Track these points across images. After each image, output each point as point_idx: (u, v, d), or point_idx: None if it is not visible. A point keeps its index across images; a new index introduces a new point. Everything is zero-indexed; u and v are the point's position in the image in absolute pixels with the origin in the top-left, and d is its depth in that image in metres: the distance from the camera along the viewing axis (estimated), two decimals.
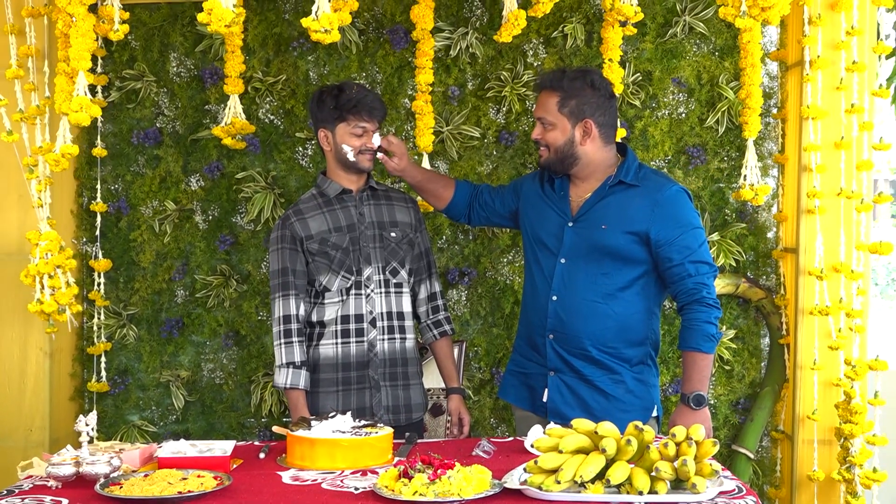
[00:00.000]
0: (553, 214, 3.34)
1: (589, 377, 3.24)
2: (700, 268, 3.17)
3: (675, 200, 3.21)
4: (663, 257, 3.18)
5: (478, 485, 2.40)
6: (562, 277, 3.27)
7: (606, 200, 3.25)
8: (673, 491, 2.36)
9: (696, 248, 3.18)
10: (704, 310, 3.15)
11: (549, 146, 3.27)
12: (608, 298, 3.22)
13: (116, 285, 4.57)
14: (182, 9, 4.48)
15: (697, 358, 3.16)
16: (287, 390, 3.38)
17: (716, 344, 3.18)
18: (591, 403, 3.22)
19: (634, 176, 3.25)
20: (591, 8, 4.37)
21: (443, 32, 4.37)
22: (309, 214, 3.48)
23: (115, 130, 4.54)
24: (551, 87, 3.26)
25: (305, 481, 2.62)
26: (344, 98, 3.38)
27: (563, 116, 3.23)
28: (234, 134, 4.15)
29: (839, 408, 3.80)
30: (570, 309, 3.25)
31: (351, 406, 3.35)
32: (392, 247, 3.48)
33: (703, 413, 3.14)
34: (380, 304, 3.45)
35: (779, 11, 2.88)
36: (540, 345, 3.33)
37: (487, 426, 4.48)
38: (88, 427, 2.67)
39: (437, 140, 4.34)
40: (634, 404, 3.25)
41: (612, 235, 3.20)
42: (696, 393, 3.13)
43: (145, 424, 4.56)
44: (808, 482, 4.02)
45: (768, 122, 4.37)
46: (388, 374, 3.45)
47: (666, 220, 3.17)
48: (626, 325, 3.24)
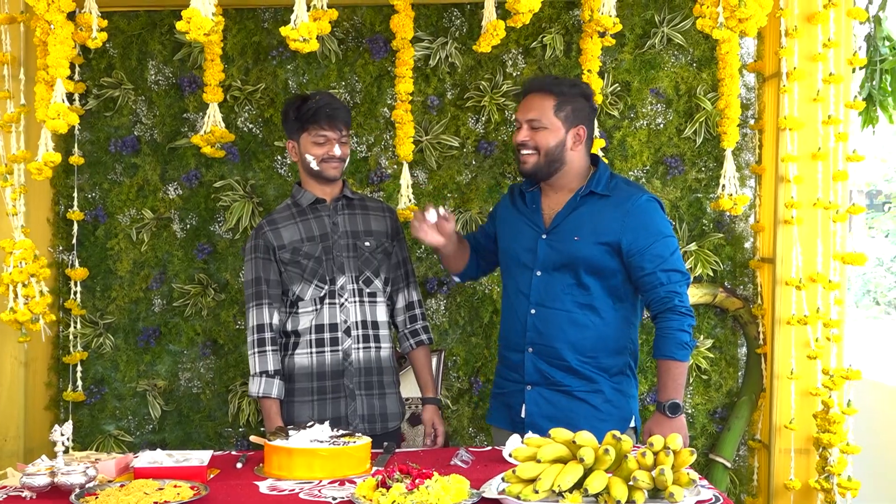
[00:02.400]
0: (526, 228, 3.34)
1: (567, 387, 3.24)
2: (672, 276, 3.16)
3: (645, 209, 3.21)
4: (635, 266, 3.18)
5: (456, 494, 2.40)
6: (538, 290, 3.26)
7: (578, 211, 3.25)
8: (650, 500, 2.36)
9: (668, 256, 3.17)
10: (677, 318, 3.14)
11: (539, 148, 3.22)
12: (585, 309, 3.22)
13: (93, 294, 4.54)
14: (161, 17, 4.47)
15: (672, 366, 3.15)
16: (261, 399, 3.39)
17: (689, 352, 3.18)
18: (569, 414, 3.20)
19: (605, 186, 3.25)
20: (569, 19, 4.39)
21: (422, 42, 4.38)
22: (282, 224, 3.47)
23: (92, 138, 4.52)
24: (547, 91, 3.24)
25: (283, 491, 2.61)
26: (304, 108, 3.38)
27: (557, 120, 3.21)
28: (214, 143, 4.14)
29: (817, 417, 3.82)
30: (549, 320, 3.24)
31: (326, 415, 3.36)
32: (366, 256, 3.47)
33: (679, 421, 3.14)
34: (354, 314, 3.44)
35: (756, 23, 2.89)
36: (518, 361, 3.32)
37: (466, 436, 4.47)
38: (64, 437, 2.65)
39: (417, 149, 4.34)
40: (612, 414, 3.25)
41: (585, 246, 3.20)
42: (672, 401, 3.13)
43: (122, 434, 4.53)
44: (784, 491, 4.04)
45: (745, 133, 4.41)
46: (364, 383, 3.45)
47: (637, 230, 3.17)
48: (604, 334, 3.24)
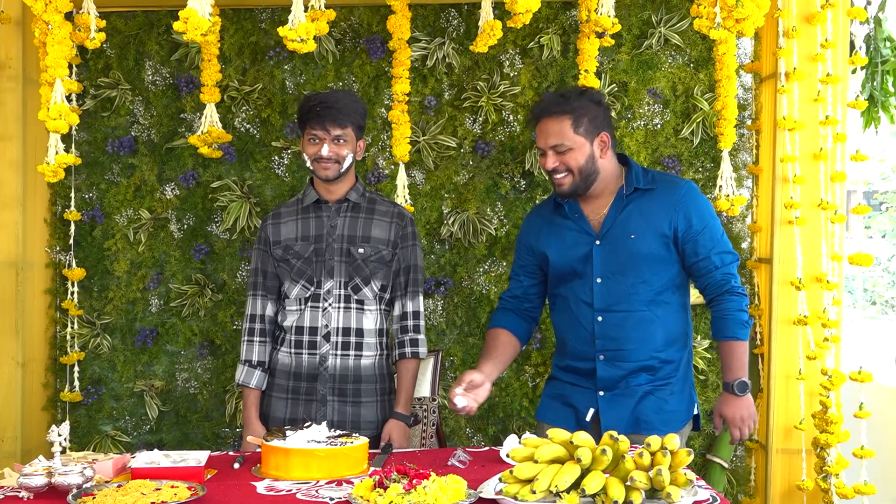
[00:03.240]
0: (576, 237, 3.30)
1: (640, 385, 3.24)
2: (725, 258, 3.21)
3: (692, 195, 3.24)
4: (689, 252, 3.20)
5: (453, 495, 2.40)
6: (602, 296, 3.23)
7: (628, 210, 3.24)
8: (648, 500, 2.36)
9: (719, 238, 3.22)
10: (735, 299, 3.19)
11: (572, 169, 3.20)
12: (651, 305, 3.22)
13: (90, 294, 4.54)
14: (158, 17, 4.47)
15: (735, 346, 3.20)
16: (240, 386, 3.46)
17: (749, 330, 3.23)
18: (642, 411, 3.22)
19: (646, 180, 3.26)
20: (567, 19, 4.40)
21: (419, 42, 4.38)
22: (284, 220, 3.48)
23: (89, 139, 4.51)
24: (560, 112, 3.19)
25: (280, 492, 2.60)
26: (304, 105, 3.37)
27: (579, 136, 3.18)
28: (211, 143, 4.14)
29: (816, 417, 3.82)
30: (618, 324, 3.23)
31: (298, 415, 3.38)
32: (357, 263, 3.42)
33: (747, 399, 3.20)
34: (336, 319, 3.42)
35: (753, 23, 2.90)
36: (588, 368, 3.28)
37: (463, 436, 4.47)
38: (61, 437, 2.65)
39: (414, 150, 4.34)
40: (682, 403, 3.29)
41: (644, 242, 3.20)
42: (740, 380, 3.18)
43: (119, 434, 4.53)
44: (781, 491, 4.04)
45: (742, 134, 4.41)
46: (337, 390, 3.41)
47: (689, 216, 3.19)
48: (671, 326, 3.26)
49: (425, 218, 4.46)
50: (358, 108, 3.40)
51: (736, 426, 3.21)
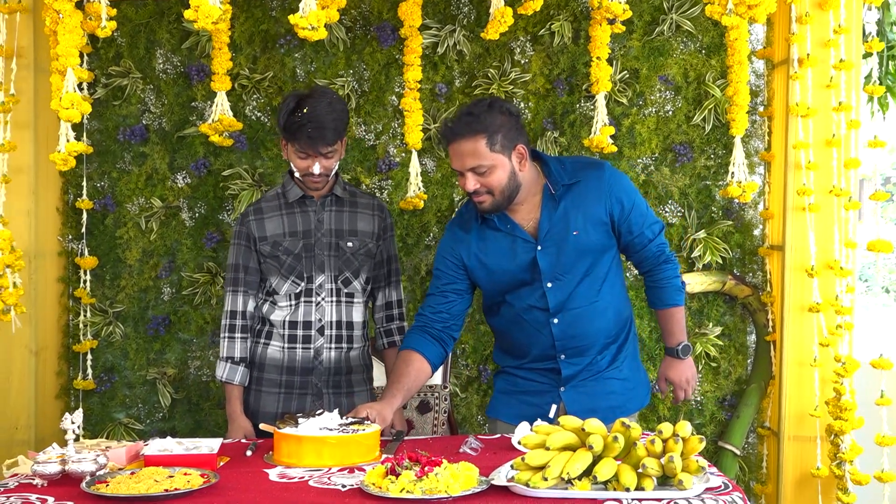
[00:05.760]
0: (515, 247, 3.22)
1: (599, 370, 3.26)
2: (654, 228, 3.25)
3: (615, 176, 3.24)
4: (625, 231, 3.22)
5: (465, 482, 2.41)
6: (556, 300, 3.21)
7: (561, 208, 3.19)
8: (659, 487, 2.37)
9: (645, 210, 3.26)
10: (669, 267, 3.28)
11: (493, 190, 3.11)
12: (599, 293, 3.23)
13: (102, 283, 4.55)
14: (168, 5, 4.46)
15: (675, 312, 3.32)
16: (224, 384, 3.50)
17: (684, 294, 3.34)
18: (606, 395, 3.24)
19: (568, 175, 3.22)
20: (578, 6, 4.38)
21: (430, 30, 4.37)
22: (268, 215, 3.47)
23: (101, 127, 4.52)
24: (473, 132, 3.07)
25: (293, 479, 2.61)
26: (291, 118, 3.28)
27: (497, 153, 3.08)
28: (222, 131, 4.14)
29: (829, 404, 3.82)
30: (574, 322, 3.22)
31: (291, 409, 3.43)
32: (347, 257, 3.45)
33: (689, 361, 3.36)
34: (329, 313, 3.45)
35: (765, 9, 2.89)
36: (548, 368, 3.28)
37: (475, 423, 4.48)
38: (74, 425, 2.66)
39: (425, 137, 4.33)
40: (640, 379, 3.36)
41: (587, 236, 3.18)
42: (683, 343, 3.33)
43: (132, 422, 4.54)
44: (794, 478, 4.03)
45: (755, 120, 4.39)
46: (332, 382, 3.48)
47: (619, 197, 3.19)
48: (618, 305, 3.29)
49: (436, 206, 4.45)
50: (344, 117, 3.35)
51: (681, 388, 3.37)
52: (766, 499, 4.32)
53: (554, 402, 3.26)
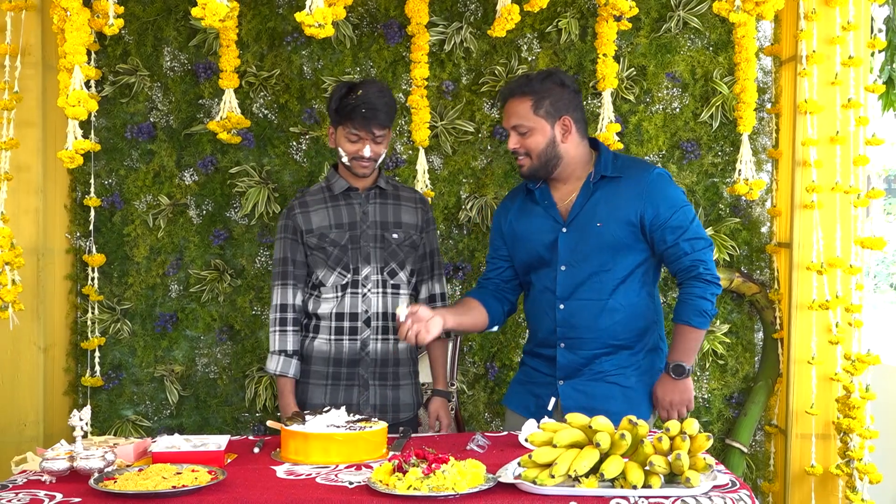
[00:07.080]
0: (544, 223, 3.31)
1: (600, 373, 3.25)
2: (695, 244, 3.19)
3: (659, 183, 3.23)
4: (658, 239, 3.20)
5: (472, 479, 2.41)
6: (565, 285, 3.24)
7: (595, 197, 3.24)
8: (667, 485, 2.37)
9: (688, 225, 3.20)
10: (701, 285, 3.18)
11: (531, 152, 3.22)
12: (614, 293, 3.22)
13: (110, 280, 4.56)
14: (175, 3, 4.46)
15: (686, 331, 3.21)
16: (277, 377, 3.48)
17: (708, 320, 3.21)
18: (603, 399, 3.21)
19: (614, 168, 3.25)
20: (585, 3, 4.37)
21: (437, 27, 4.37)
22: (313, 208, 3.48)
23: (108, 125, 4.52)
24: (521, 93, 3.22)
25: (300, 475, 2.62)
26: (344, 102, 3.35)
27: (540, 118, 3.20)
28: (229, 129, 4.14)
29: (839, 402, 3.81)
30: (579, 313, 3.23)
31: (339, 401, 3.41)
32: (392, 248, 3.47)
33: (684, 383, 3.22)
34: (376, 304, 3.46)
35: (773, 6, 2.89)
36: (548, 356, 3.31)
37: (482, 420, 4.48)
38: (82, 422, 2.67)
39: (432, 135, 4.33)
40: (644, 392, 3.28)
41: (610, 230, 3.20)
42: (676, 363, 3.20)
43: (139, 419, 4.55)
44: (801, 476, 4.03)
45: (762, 117, 4.38)
46: (379, 374, 3.47)
47: (657, 204, 3.18)
48: (634, 313, 3.25)
49: (443, 203, 4.45)
50: (393, 105, 3.44)
51: (664, 408, 3.25)
52: (773, 496, 4.31)
53: (553, 395, 3.28)
